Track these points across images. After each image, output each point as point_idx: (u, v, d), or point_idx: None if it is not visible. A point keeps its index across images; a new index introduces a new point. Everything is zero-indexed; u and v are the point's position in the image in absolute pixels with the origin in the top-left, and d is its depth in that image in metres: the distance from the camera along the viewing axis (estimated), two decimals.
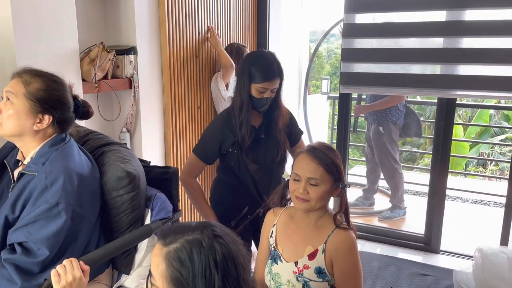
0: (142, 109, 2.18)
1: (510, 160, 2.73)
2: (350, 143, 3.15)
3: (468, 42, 2.51)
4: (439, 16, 2.57)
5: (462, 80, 2.56)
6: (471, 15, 2.48)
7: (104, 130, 2.07)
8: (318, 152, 1.34)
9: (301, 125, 4.22)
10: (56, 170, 1.18)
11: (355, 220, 3.56)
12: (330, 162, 1.33)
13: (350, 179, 4.30)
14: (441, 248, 2.90)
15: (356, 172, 4.88)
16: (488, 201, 4.06)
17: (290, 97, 4.01)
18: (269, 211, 1.53)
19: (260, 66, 1.78)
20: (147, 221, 1.39)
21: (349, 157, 6.02)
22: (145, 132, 2.21)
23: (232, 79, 2.68)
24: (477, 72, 2.50)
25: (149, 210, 1.40)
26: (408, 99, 3.70)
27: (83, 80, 1.86)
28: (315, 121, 4.62)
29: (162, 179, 1.51)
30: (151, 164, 1.59)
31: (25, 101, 1.18)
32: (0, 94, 1.24)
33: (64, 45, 1.71)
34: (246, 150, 1.83)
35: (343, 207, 1.39)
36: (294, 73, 4.19)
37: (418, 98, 6.22)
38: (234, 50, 2.71)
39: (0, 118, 1.19)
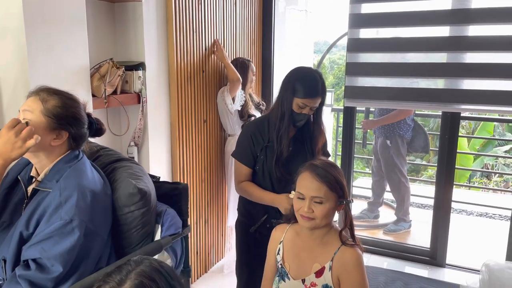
0: (150, 123, 2.20)
1: None
2: (354, 155, 3.17)
3: (472, 57, 2.54)
4: (443, 31, 2.60)
5: (465, 94, 2.58)
6: (474, 30, 2.52)
7: (113, 144, 2.09)
8: (321, 170, 1.35)
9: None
10: (70, 187, 1.20)
11: (360, 233, 3.56)
12: (333, 180, 1.34)
13: (354, 191, 4.30)
14: (447, 262, 2.90)
15: (360, 184, 4.88)
16: (493, 214, 4.05)
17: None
18: (275, 228, 1.54)
19: (305, 81, 1.81)
20: (157, 236, 1.40)
21: (354, 169, 6.04)
22: (152, 146, 2.23)
23: (239, 92, 2.71)
24: (480, 86, 2.53)
25: (159, 225, 1.41)
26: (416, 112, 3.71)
27: (93, 95, 1.89)
28: None
29: (172, 194, 1.53)
30: (161, 180, 1.61)
31: (42, 118, 1.20)
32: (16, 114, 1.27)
33: (75, 62, 1.75)
34: (278, 161, 1.85)
35: (348, 223, 1.40)
36: None
37: (424, 111, 6.24)
38: (239, 64, 2.74)
39: None
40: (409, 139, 3.44)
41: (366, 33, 2.82)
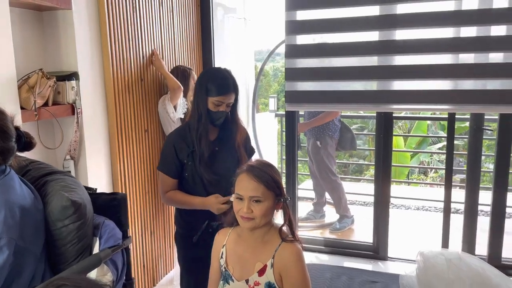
0: (87, 135, 2.13)
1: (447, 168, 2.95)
2: (299, 159, 3.27)
3: (400, 60, 2.71)
4: (373, 36, 2.75)
5: (397, 94, 2.74)
6: (401, 34, 2.68)
7: (46, 158, 1.99)
8: (257, 170, 1.39)
9: (251, 142, 4.30)
10: None
11: (309, 233, 3.65)
12: (270, 179, 1.38)
13: (301, 193, 4.40)
14: (389, 255, 3.04)
15: (307, 186, 5.00)
16: (429, 207, 4.31)
17: (239, 116, 4.08)
18: (218, 232, 1.55)
19: (216, 80, 1.88)
20: (96, 250, 1.35)
21: (299, 172, 6.18)
22: (90, 159, 2.16)
23: (181, 100, 2.69)
24: (409, 87, 2.70)
25: (97, 238, 1.37)
26: (349, 113, 3.91)
27: (22, 108, 1.79)
28: (265, 138, 4.71)
29: (110, 205, 1.49)
30: (98, 191, 1.56)
31: None
32: None
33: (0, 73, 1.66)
34: (203, 162, 1.88)
35: (287, 220, 1.44)
36: (242, 92, 4.26)
37: (361, 113, 6.54)
38: (180, 73, 2.73)
39: None
40: (337, 139, 3.63)
41: (303, 39, 2.91)
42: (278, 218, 1.50)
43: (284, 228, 1.44)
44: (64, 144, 2.08)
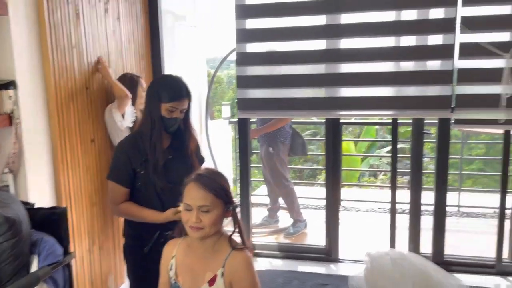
0: (27, 147, 2.02)
1: (394, 170, 3.07)
2: (254, 165, 3.32)
3: (347, 67, 2.80)
4: (320, 44, 2.82)
5: (343, 101, 2.82)
6: (347, 43, 2.78)
7: None
8: (205, 178, 1.38)
9: (205, 150, 4.28)
10: None
11: (264, 239, 3.67)
12: (219, 187, 1.38)
13: (256, 200, 4.42)
14: (341, 257, 3.11)
15: (262, 192, 5.03)
16: (378, 208, 4.47)
17: (192, 123, 4.05)
18: (167, 243, 1.52)
19: (168, 86, 1.88)
20: (34, 268, 1.29)
21: (255, 179, 6.21)
22: (31, 172, 2.05)
23: (129, 109, 2.63)
24: (356, 93, 2.79)
25: (36, 256, 1.30)
26: (302, 119, 3.99)
27: None
28: (220, 146, 4.70)
29: (50, 221, 1.42)
30: (40, 206, 1.48)
31: None
32: None
33: None
34: (157, 170, 1.84)
35: (237, 228, 1.44)
36: (194, 99, 4.23)
37: (314, 119, 6.69)
38: (127, 80, 2.66)
39: None
40: (289, 145, 3.69)
41: (254, 47, 2.94)
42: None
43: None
44: (1, 157, 1.96)
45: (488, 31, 2.53)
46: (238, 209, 1.48)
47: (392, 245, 2.98)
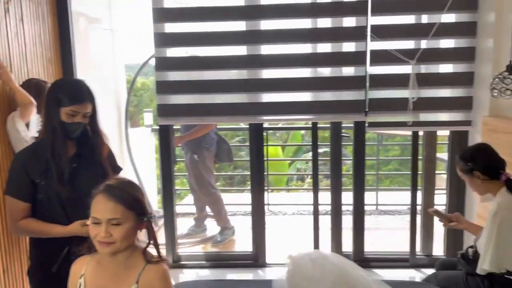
0: None
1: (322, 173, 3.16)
2: (179, 174, 3.21)
3: (267, 73, 2.83)
4: (241, 50, 2.83)
5: (265, 106, 2.86)
6: (266, 49, 2.81)
7: None
8: (115, 189, 1.29)
9: (126, 158, 4.08)
10: None
11: (190, 249, 3.57)
12: (130, 198, 1.30)
13: (179, 209, 4.30)
14: (268, 262, 3.12)
15: (189, 202, 4.92)
16: (304, 211, 4.59)
17: (110, 131, 3.85)
18: (74, 262, 1.40)
19: (68, 89, 1.75)
20: None
21: (180, 188, 6.07)
22: None
23: (34, 117, 2.41)
24: (276, 99, 2.83)
25: None
26: (230, 125, 3.96)
27: None
28: (143, 154, 4.52)
29: None
30: None
31: None
32: None
33: None
34: (60, 179, 1.71)
35: (151, 240, 1.37)
36: (112, 106, 4.04)
37: (242, 125, 6.71)
38: (33, 86, 2.44)
39: None
40: (214, 151, 3.64)
41: (174, 52, 2.86)
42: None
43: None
44: None
45: (396, 39, 2.71)
46: (161, 221, 1.40)
47: (316, 246, 3.05)
